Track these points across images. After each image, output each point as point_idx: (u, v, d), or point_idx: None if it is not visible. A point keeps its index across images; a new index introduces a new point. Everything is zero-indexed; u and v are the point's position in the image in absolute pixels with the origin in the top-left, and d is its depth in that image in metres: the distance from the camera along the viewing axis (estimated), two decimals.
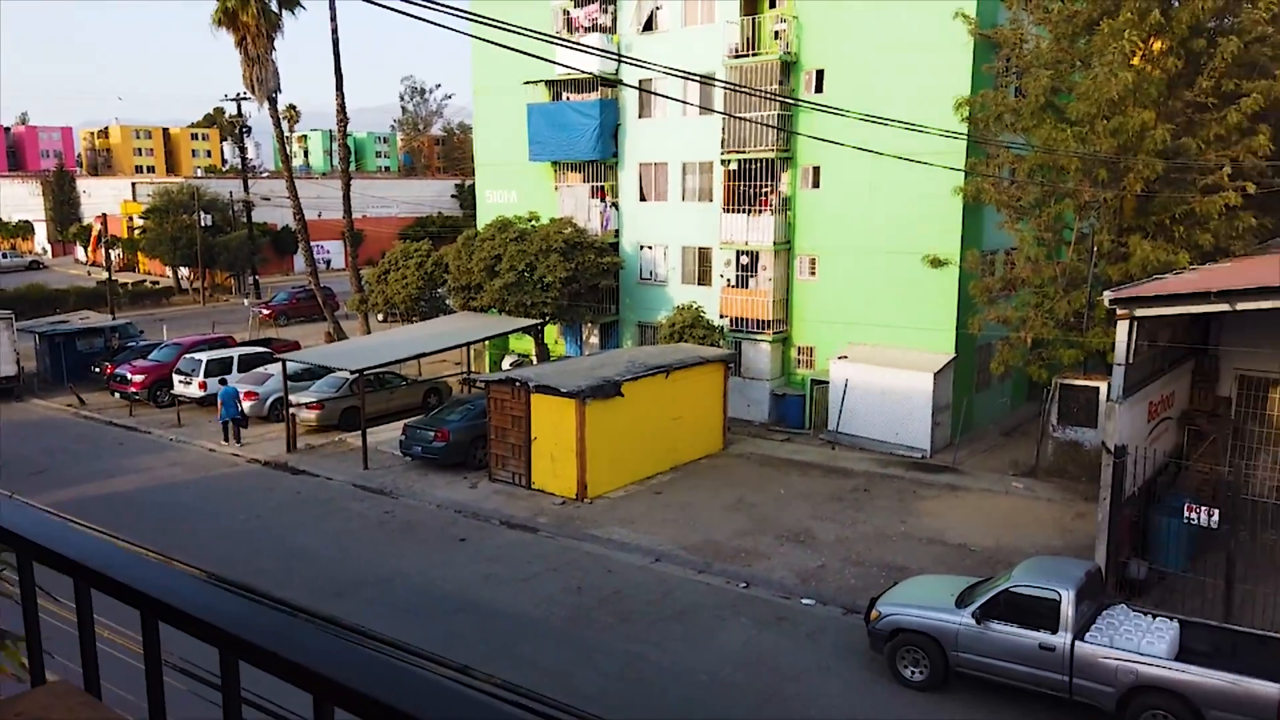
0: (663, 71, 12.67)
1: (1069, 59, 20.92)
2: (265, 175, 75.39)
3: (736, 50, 26.72)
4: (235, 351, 31.10)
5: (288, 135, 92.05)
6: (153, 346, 33.26)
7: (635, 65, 16.91)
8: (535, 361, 29.08)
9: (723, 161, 27.58)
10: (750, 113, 26.56)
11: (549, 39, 11.20)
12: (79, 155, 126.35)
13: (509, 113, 32.17)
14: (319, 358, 27.38)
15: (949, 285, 23.73)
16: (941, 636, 12.37)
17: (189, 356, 30.21)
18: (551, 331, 31.74)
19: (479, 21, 9.67)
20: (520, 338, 31.44)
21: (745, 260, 27.63)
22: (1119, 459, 14.26)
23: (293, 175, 39.06)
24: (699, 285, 28.91)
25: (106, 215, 53.64)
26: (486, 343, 31.76)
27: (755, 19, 26.56)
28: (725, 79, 26.63)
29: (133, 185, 73.53)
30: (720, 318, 27.48)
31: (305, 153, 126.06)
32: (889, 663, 12.85)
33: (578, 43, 28.14)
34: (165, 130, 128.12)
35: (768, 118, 26.10)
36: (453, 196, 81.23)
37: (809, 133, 24.15)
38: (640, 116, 29.82)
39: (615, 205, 30.70)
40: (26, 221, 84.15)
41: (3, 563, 1.92)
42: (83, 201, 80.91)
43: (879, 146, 20.32)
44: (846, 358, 24.87)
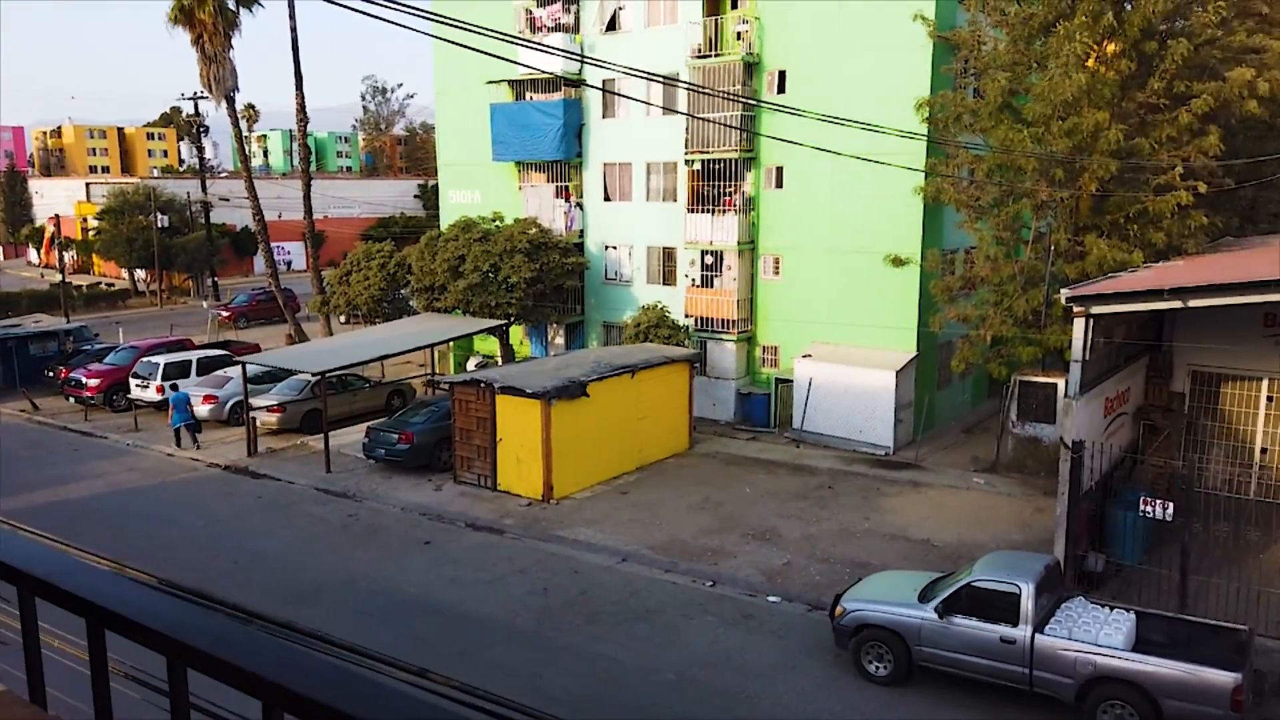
0: (624, 72, 12.68)
1: (1026, 61, 21.24)
2: (224, 175, 74.31)
3: (699, 51, 26.81)
4: (194, 354, 30.63)
5: (246, 135, 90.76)
6: (109, 350, 32.64)
7: (598, 66, 16.88)
8: (500, 362, 28.94)
9: (687, 161, 27.66)
10: (713, 113, 26.66)
11: (511, 39, 11.16)
12: (31, 155, 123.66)
13: (472, 112, 32.01)
14: (280, 360, 27.04)
15: (910, 284, 23.99)
16: (905, 631, 12.51)
17: (146, 360, 29.70)
18: (516, 332, 31.61)
19: (440, 21, 9.61)
20: (485, 339, 31.28)
21: (710, 260, 27.73)
22: (1076, 454, 14.51)
23: (252, 175, 38.55)
24: (664, 285, 28.96)
25: (60, 216, 52.59)
26: (451, 344, 31.56)
27: (718, 20, 26.66)
28: (688, 79, 26.71)
29: (87, 186, 72.15)
30: (685, 317, 27.56)
31: (265, 153, 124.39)
32: (854, 658, 12.96)
33: (540, 43, 28.05)
34: (120, 130, 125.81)
35: (730, 118, 26.22)
36: (415, 197, 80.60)
37: (772, 133, 24.31)
38: (604, 116, 29.81)
39: (580, 205, 30.66)
40: None
41: None
42: (35, 202, 79.21)
43: (841, 147, 20.49)
44: (810, 356, 25.05)
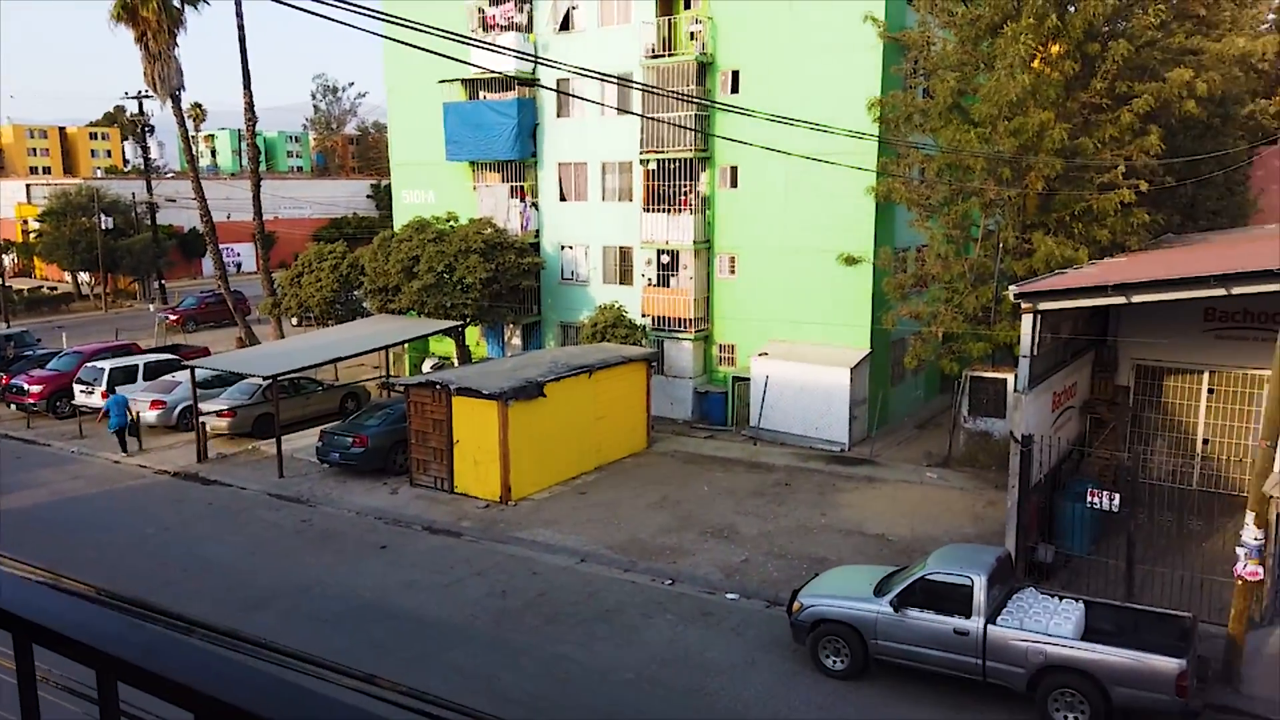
0: (577, 72, 12.66)
1: (973, 61, 21.59)
2: (170, 176, 72.73)
3: (653, 51, 26.84)
4: (140, 359, 29.99)
5: (193, 134, 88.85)
6: (51, 355, 31.85)
7: (551, 66, 16.80)
8: (456, 364, 28.75)
9: (642, 161, 27.68)
10: (667, 113, 26.72)
11: (462, 40, 11.07)
12: None
13: (425, 111, 31.71)
14: (230, 364, 26.56)
15: (863, 282, 24.26)
16: (861, 625, 12.65)
17: (90, 365, 28.99)
18: (473, 333, 31.39)
19: (390, 21, 9.50)
20: (441, 340, 31.02)
21: (666, 259, 27.78)
22: (1026, 448, 14.79)
23: (199, 176, 37.83)
24: (621, 285, 28.95)
25: None
26: (406, 346, 31.25)
27: (671, 20, 26.72)
28: (643, 79, 26.75)
29: (27, 187, 70.13)
30: (642, 317, 27.58)
31: (213, 152, 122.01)
32: (811, 653, 13.08)
33: (492, 43, 27.91)
34: (61, 129, 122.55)
35: (684, 118, 26.29)
36: (368, 197, 79.66)
37: (727, 132, 24.43)
38: (559, 116, 29.72)
39: (535, 205, 30.53)
40: None
41: None
42: None
43: (794, 147, 20.66)
44: (767, 354, 25.22)
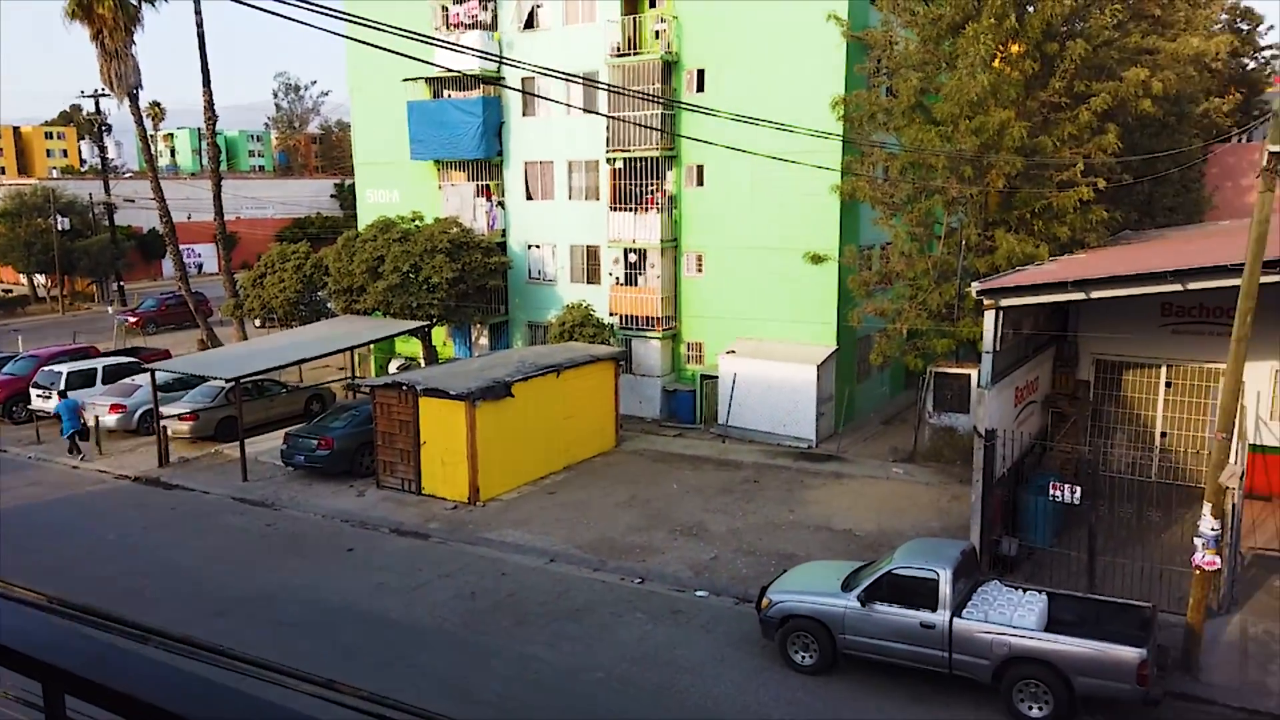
0: (542, 71, 12.61)
1: (935, 61, 21.82)
2: (128, 176, 71.50)
3: (618, 49, 26.82)
4: (99, 362, 29.47)
5: (152, 134, 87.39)
6: (7, 359, 31.12)
7: (515, 66, 16.74)
8: (423, 364, 28.55)
9: (608, 160, 27.66)
10: (632, 112, 26.72)
11: (425, 39, 10.99)
12: None
13: (389, 110, 31.45)
14: (192, 366, 26.15)
15: (829, 280, 24.44)
16: (829, 620, 12.75)
17: (47, 369, 28.42)
18: (439, 333, 31.19)
19: (352, 21, 9.41)
20: (407, 340, 30.80)
21: (633, 258, 27.79)
22: (989, 442, 14.99)
23: (158, 175, 37.22)
24: (588, 284, 28.92)
25: None
26: (371, 346, 30.99)
27: (636, 18, 26.72)
28: (608, 78, 26.72)
29: None
30: (610, 316, 27.58)
31: (172, 152, 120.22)
32: (780, 649, 13.16)
33: (456, 42, 27.77)
34: (15, 129, 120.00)
35: (649, 117, 26.31)
36: (332, 196, 78.86)
37: (693, 131, 24.49)
38: (524, 114, 29.61)
39: (501, 204, 30.40)
40: None
41: None
42: None
43: (760, 146, 20.76)
44: (734, 352, 25.33)
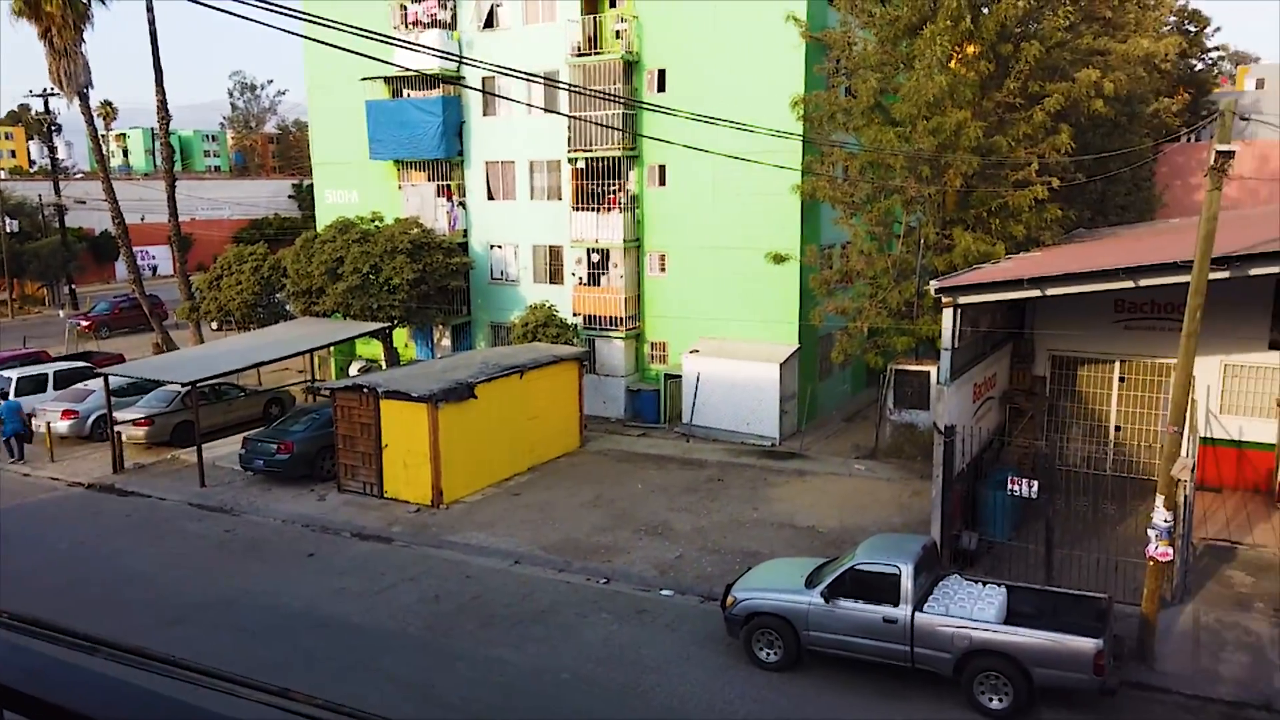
0: (502, 71, 12.55)
1: (893, 61, 22.05)
2: (79, 176, 69.99)
3: (579, 49, 26.78)
4: (50, 367, 28.85)
5: (104, 133, 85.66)
6: None
7: (474, 65, 16.63)
8: (384, 366, 28.27)
9: (570, 160, 27.60)
10: (594, 112, 26.69)
11: (383, 39, 10.88)
12: None
13: (347, 109, 31.11)
14: (146, 370, 25.65)
15: (791, 279, 24.61)
16: (793, 617, 12.83)
17: None
18: (401, 335, 30.92)
19: (309, 20, 9.28)
20: (368, 342, 30.48)
21: (596, 258, 27.77)
22: (949, 438, 15.18)
23: (110, 176, 36.51)
24: (551, 284, 28.84)
25: None
26: (331, 349, 30.64)
27: (596, 18, 26.69)
28: (568, 77, 26.66)
29: None
30: (574, 316, 27.53)
31: (125, 152, 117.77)
32: (745, 646, 13.22)
33: (415, 41, 27.55)
34: None
35: (611, 117, 26.30)
36: (290, 197, 77.82)
37: (655, 131, 24.52)
38: (485, 114, 29.45)
39: (462, 204, 30.22)
40: None
41: None
42: None
43: (722, 146, 20.84)
44: (698, 352, 25.40)
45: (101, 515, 20.77)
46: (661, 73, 26.13)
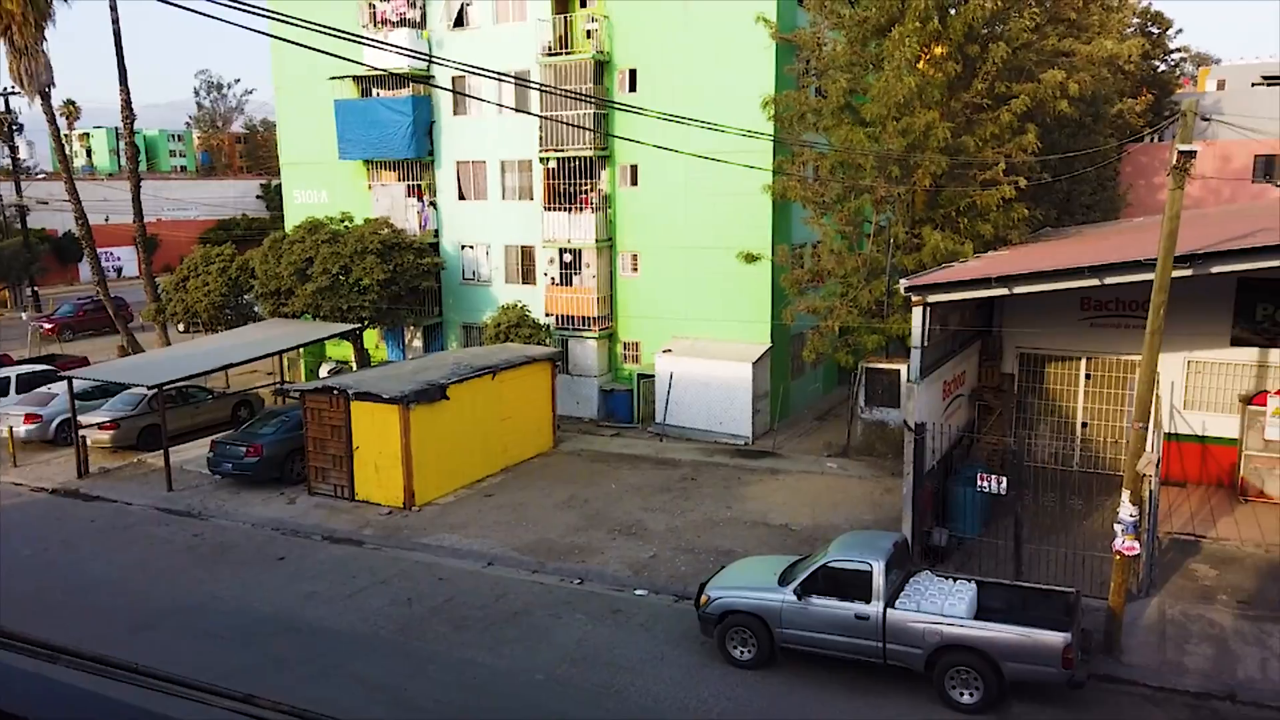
0: (471, 71, 12.50)
1: (863, 62, 22.20)
2: (41, 177, 68.79)
3: (550, 48, 26.71)
4: (12, 371, 28.37)
5: (67, 133, 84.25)
6: None
7: (445, 65, 16.51)
8: (355, 368, 28.06)
9: (542, 159, 27.53)
10: (565, 111, 26.64)
11: (352, 38, 10.79)
12: None
13: (316, 109, 30.83)
14: (112, 373, 25.29)
15: (762, 278, 24.71)
16: (767, 615, 12.88)
17: None
18: (372, 336, 30.70)
19: (277, 19, 9.16)
20: (338, 344, 30.23)
21: (568, 258, 27.71)
22: (919, 435, 15.31)
23: (73, 176, 35.92)
24: (523, 284, 28.75)
25: None
26: (301, 350, 30.35)
27: (567, 18, 26.64)
28: (539, 77, 26.60)
29: None
30: (546, 316, 27.46)
31: (88, 152, 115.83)
32: (719, 645, 13.25)
33: (384, 40, 27.36)
34: None
35: (582, 117, 26.26)
36: (258, 197, 77.04)
37: (627, 131, 24.53)
38: (455, 114, 29.30)
39: (433, 204, 30.04)
40: None
41: None
42: None
43: (693, 146, 20.87)
44: (671, 351, 25.44)
45: (65, 521, 20.43)
46: (633, 73, 26.13)
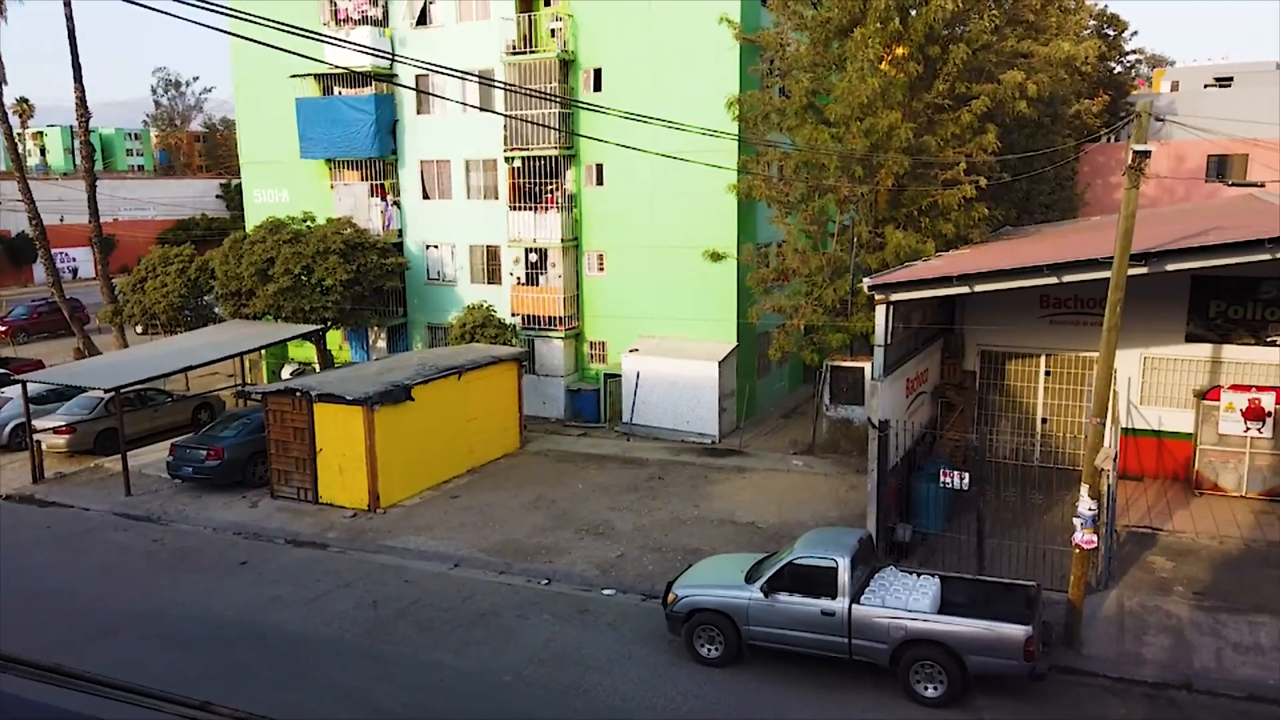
0: (435, 69, 12.42)
1: (826, 62, 22.36)
2: None
3: (514, 47, 26.61)
4: None
5: (20, 132, 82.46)
6: None
7: (407, 63, 16.36)
8: (318, 369, 27.76)
9: (507, 159, 27.42)
10: (530, 110, 26.55)
11: (312, 36, 10.67)
12: None
13: (277, 107, 30.45)
14: (67, 376, 24.80)
15: (728, 278, 24.81)
16: (734, 613, 12.94)
17: None
18: (335, 337, 30.39)
19: (237, 16, 9.03)
20: (301, 345, 29.88)
21: (534, 258, 27.62)
22: (883, 433, 15.46)
23: (27, 175, 35.17)
24: (489, 284, 28.62)
25: None
26: (263, 352, 29.96)
27: (531, 16, 26.54)
28: (504, 76, 26.48)
29: None
30: (512, 316, 27.36)
31: (43, 150, 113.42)
32: (687, 643, 13.29)
33: (346, 38, 27.09)
34: None
35: (547, 116, 26.18)
36: (218, 197, 75.96)
37: (592, 130, 24.49)
38: (419, 112, 29.10)
39: (397, 204, 29.80)
40: None
41: None
42: None
43: (659, 145, 20.90)
44: (637, 350, 25.45)
45: (20, 527, 20.00)
46: (598, 72, 26.11)
